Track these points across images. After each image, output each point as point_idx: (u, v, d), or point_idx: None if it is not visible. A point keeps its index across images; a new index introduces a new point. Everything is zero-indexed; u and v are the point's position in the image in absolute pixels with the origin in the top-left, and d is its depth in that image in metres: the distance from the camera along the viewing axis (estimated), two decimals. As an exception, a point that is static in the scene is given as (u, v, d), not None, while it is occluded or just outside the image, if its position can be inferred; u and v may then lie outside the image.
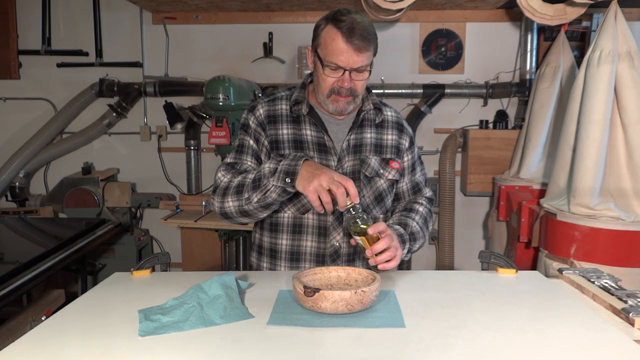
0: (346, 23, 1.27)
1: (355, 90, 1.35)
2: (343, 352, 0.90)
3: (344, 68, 1.30)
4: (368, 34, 1.29)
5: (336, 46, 1.28)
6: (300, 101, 1.43)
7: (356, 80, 1.33)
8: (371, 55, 1.34)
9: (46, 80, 3.64)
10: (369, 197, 1.45)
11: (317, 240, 1.42)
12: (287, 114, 1.44)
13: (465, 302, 1.15)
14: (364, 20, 1.31)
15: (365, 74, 1.34)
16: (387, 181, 1.46)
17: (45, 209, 3.50)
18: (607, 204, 2.21)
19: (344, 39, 1.27)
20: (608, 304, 1.15)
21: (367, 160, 1.43)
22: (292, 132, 1.42)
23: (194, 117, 3.47)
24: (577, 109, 2.31)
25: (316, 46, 1.34)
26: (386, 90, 3.49)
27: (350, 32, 1.27)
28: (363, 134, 1.45)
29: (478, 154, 3.40)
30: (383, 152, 1.47)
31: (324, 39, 1.31)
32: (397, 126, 1.51)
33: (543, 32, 3.43)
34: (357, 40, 1.27)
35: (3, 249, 2.51)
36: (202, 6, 3.38)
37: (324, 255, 1.42)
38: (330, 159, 1.41)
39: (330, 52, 1.29)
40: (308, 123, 1.43)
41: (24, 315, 2.02)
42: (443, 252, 3.57)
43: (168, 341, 0.95)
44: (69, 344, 0.94)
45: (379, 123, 1.48)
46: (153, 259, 1.39)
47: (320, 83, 1.36)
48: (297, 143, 1.41)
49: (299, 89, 1.46)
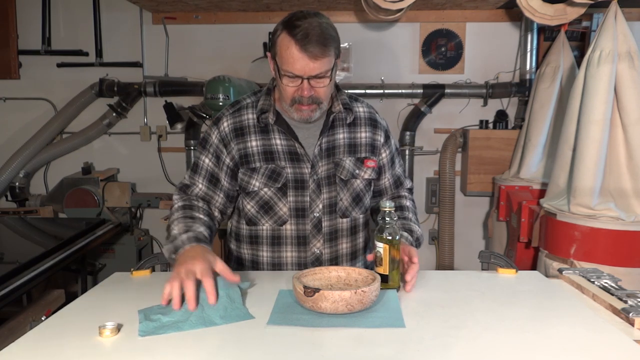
0: (301, 29, 1.21)
1: (317, 97, 1.30)
2: (343, 352, 0.90)
3: (301, 77, 1.25)
4: (325, 39, 1.23)
5: (290, 55, 1.23)
6: (266, 110, 1.38)
7: (317, 88, 1.28)
8: (331, 60, 1.27)
9: (46, 80, 3.64)
10: (347, 199, 1.42)
11: (297, 250, 1.41)
12: (254, 124, 1.39)
13: (465, 302, 1.15)
14: (322, 23, 1.24)
15: (325, 80, 1.28)
16: (363, 181, 1.44)
17: (45, 209, 3.49)
18: (607, 204, 2.21)
19: (298, 47, 1.22)
20: (608, 304, 1.15)
21: (342, 162, 1.41)
22: (261, 142, 1.38)
23: (194, 117, 3.47)
24: (577, 108, 2.31)
25: (274, 54, 1.30)
26: (386, 90, 3.49)
27: (304, 40, 1.21)
28: (335, 136, 1.42)
29: (478, 154, 3.40)
30: (357, 151, 1.43)
31: (279, 47, 1.26)
32: (370, 122, 1.47)
33: (543, 32, 3.43)
34: (313, 47, 1.21)
35: (3, 249, 2.51)
36: (202, 6, 3.38)
37: (306, 264, 1.41)
38: (304, 167, 1.38)
39: (286, 61, 1.24)
40: (277, 132, 1.39)
41: (24, 315, 2.02)
42: (443, 252, 3.57)
43: (168, 341, 0.95)
44: (69, 344, 0.94)
45: (351, 122, 1.44)
46: (153, 259, 1.40)
47: (282, 92, 1.32)
48: (267, 154, 1.38)
49: (264, 95, 1.41)
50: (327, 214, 1.41)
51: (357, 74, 3.55)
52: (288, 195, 1.38)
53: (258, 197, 1.40)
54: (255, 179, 1.38)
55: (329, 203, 1.40)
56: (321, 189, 1.39)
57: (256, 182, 1.38)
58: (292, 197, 1.38)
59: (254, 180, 1.38)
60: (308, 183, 1.38)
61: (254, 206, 1.41)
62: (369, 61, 3.56)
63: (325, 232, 1.41)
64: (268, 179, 1.38)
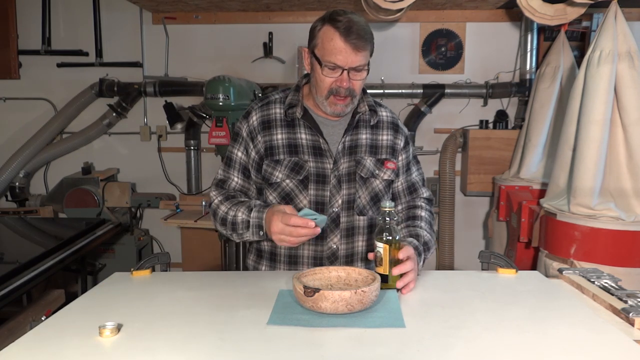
0: (343, 23, 1.28)
1: (353, 90, 1.35)
2: (343, 352, 0.90)
3: (342, 67, 1.30)
4: (365, 33, 1.30)
5: (334, 45, 1.29)
6: (294, 104, 1.43)
7: (354, 80, 1.33)
8: (368, 55, 1.34)
9: (46, 80, 3.64)
10: (365, 197, 1.45)
11: (315, 244, 1.43)
12: (281, 118, 1.44)
13: (465, 302, 1.15)
14: (361, 20, 1.31)
15: (363, 73, 1.34)
16: (382, 182, 1.46)
17: (45, 209, 3.50)
18: (607, 204, 2.21)
19: (342, 38, 1.28)
20: (608, 304, 1.15)
21: (362, 161, 1.44)
22: (287, 136, 1.42)
23: (194, 117, 3.47)
24: (577, 109, 2.31)
25: (313, 47, 1.35)
26: (386, 90, 3.49)
27: (347, 31, 1.27)
28: (358, 135, 1.45)
29: (478, 154, 3.40)
30: (378, 152, 1.47)
31: (321, 39, 1.32)
32: (393, 126, 1.51)
33: (543, 32, 3.43)
34: (355, 39, 1.28)
35: (3, 249, 2.51)
36: (202, 6, 3.38)
37: (322, 258, 1.43)
38: (326, 162, 1.41)
39: (329, 52, 1.30)
40: (303, 126, 1.43)
41: (24, 315, 2.02)
42: (443, 252, 3.57)
43: (168, 341, 0.95)
44: (69, 344, 0.94)
45: (375, 124, 1.48)
46: (153, 259, 1.40)
47: (319, 84, 1.36)
48: (292, 147, 1.42)
49: (293, 91, 1.46)
50: (345, 210, 1.43)
51: (357, 74, 3.54)
52: (309, 188, 1.41)
53: (280, 188, 1.43)
54: (278, 170, 1.42)
55: (347, 199, 1.43)
56: (341, 184, 1.42)
57: (279, 173, 1.42)
58: (312, 191, 1.41)
59: (277, 171, 1.42)
60: (329, 178, 1.41)
61: (275, 197, 1.44)
62: (369, 61, 3.55)
63: (343, 228, 1.43)
64: (290, 171, 1.41)
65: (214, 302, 1.15)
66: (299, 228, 1.20)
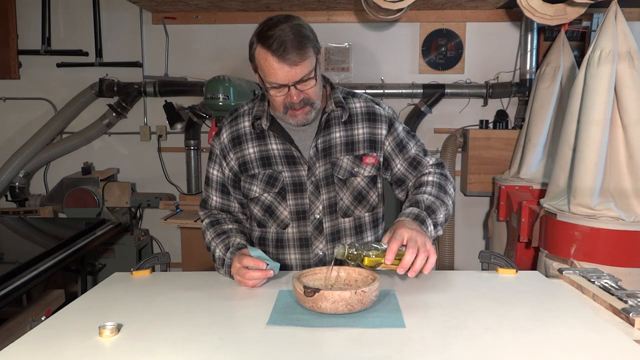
0: (274, 39, 1.19)
1: (308, 99, 1.28)
2: (343, 352, 0.90)
3: (286, 85, 1.24)
4: (300, 42, 1.20)
5: (270, 66, 1.22)
6: (259, 116, 1.38)
7: (305, 90, 1.27)
8: (312, 60, 1.25)
9: (46, 80, 3.64)
10: (347, 198, 1.42)
11: (300, 252, 1.42)
12: (250, 131, 1.40)
13: (465, 302, 1.15)
14: (294, 26, 1.22)
15: (310, 81, 1.26)
16: (364, 178, 1.41)
17: (45, 209, 3.50)
18: (607, 204, 2.21)
19: (276, 58, 1.20)
20: (608, 304, 1.15)
21: (338, 162, 1.39)
22: (258, 149, 1.40)
23: (194, 117, 3.47)
24: (577, 108, 2.31)
25: (255, 68, 1.29)
26: (386, 90, 3.49)
27: (279, 49, 1.19)
28: (331, 135, 1.39)
29: (478, 154, 3.40)
30: (355, 149, 1.40)
31: (258, 61, 1.25)
32: (369, 117, 1.42)
33: (543, 32, 3.42)
34: (290, 55, 1.20)
35: (3, 249, 2.51)
36: (202, 6, 3.38)
37: (309, 265, 1.41)
38: (300, 169, 1.38)
39: (268, 73, 1.24)
40: (272, 137, 1.39)
41: (24, 315, 2.02)
42: (443, 252, 3.57)
43: (168, 341, 0.95)
44: (69, 344, 0.94)
45: (347, 120, 1.40)
46: (153, 259, 1.40)
47: (272, 102, 1.33)
48: (265, 160, 1.40)
49: (258, 101, 1.41)
50: (327, 215, 1.40)
51: (357, 74, 3.55)
52: (287, 199, 1.40)
53: (260, 202, 1.43)
54: (255, 184, 1.41)
55: (328, 204, 1.40)
56: (320, 190, 1.39)
57: (256, 187, 1.41)
58: (291, 201, 1.40)
59: (254, 186, 1.41)
60: (306, 185, 1.39)
61: (259, 211, 1.44)
62: (369, 61, 3.56)
63: (327, 233, 1.41)
64: (266, 185, 1.40)
65: (214, 302, 1.16)
66: (252, 271, 1.22)
